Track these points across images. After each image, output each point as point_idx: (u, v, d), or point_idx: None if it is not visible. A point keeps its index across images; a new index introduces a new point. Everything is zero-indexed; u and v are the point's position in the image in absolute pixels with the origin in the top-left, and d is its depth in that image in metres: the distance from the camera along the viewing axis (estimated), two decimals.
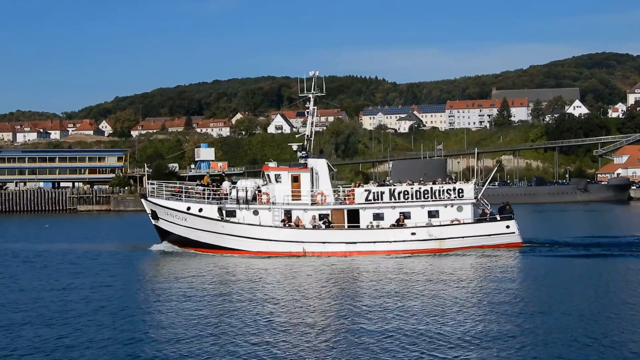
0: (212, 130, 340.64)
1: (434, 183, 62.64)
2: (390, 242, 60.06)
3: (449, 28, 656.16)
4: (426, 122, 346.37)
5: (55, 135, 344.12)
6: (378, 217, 61.42)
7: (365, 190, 61.98)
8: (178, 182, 69.10)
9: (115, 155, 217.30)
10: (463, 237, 60.68)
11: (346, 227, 61.10)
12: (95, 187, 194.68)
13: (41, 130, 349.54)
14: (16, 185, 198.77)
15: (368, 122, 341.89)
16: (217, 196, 62.32)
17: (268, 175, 62.54)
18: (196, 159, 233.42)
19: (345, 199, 62.36)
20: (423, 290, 40.75)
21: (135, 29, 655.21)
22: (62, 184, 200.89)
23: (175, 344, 29.25)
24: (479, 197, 62.77)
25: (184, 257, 59.81)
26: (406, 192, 61.60)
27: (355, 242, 60.30)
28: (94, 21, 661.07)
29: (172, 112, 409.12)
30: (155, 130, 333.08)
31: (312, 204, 61.58)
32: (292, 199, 61.68)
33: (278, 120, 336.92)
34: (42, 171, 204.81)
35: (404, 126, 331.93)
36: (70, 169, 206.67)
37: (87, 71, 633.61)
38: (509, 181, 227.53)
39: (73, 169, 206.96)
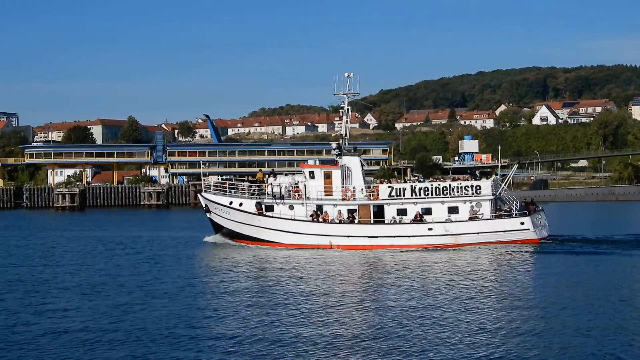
0: (476, 122, 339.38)
1: (453, 180, 67.47)
2: (409, 236, 63.39)
3: None
4: None
5: (322, 128, 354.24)
6: (402, 212, 64.61)
7: (389, 187, 65.93)
8: (234, 178, 78.53)
9: (379, 147, 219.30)
10: (478, 233, 63.11)
11: (372, 221, 65.12)
12: None
13: (309, 123, 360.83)
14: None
15: (638, 113, 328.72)
16: (259, 191, 67.88)
17: (304, 172, 67.97)
18: (460, 151, 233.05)
19: (370, 195, 66.04)
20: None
21: (401, 21, 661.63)
22: None
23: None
24: (498, 194, 65.57)
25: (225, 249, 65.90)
26: (427, 189, 64.82)
27: (377, 237, 64.14)
28: (362, 16, 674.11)
29: (435, 104, 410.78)
30: (419, 123, 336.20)
31: (341, 200, 65.97)
32: (325, 195, 66.39)
33: (543, 111, 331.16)
34: None
35: None
36: None
37: (353, 64, 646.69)
38: None
39: None
